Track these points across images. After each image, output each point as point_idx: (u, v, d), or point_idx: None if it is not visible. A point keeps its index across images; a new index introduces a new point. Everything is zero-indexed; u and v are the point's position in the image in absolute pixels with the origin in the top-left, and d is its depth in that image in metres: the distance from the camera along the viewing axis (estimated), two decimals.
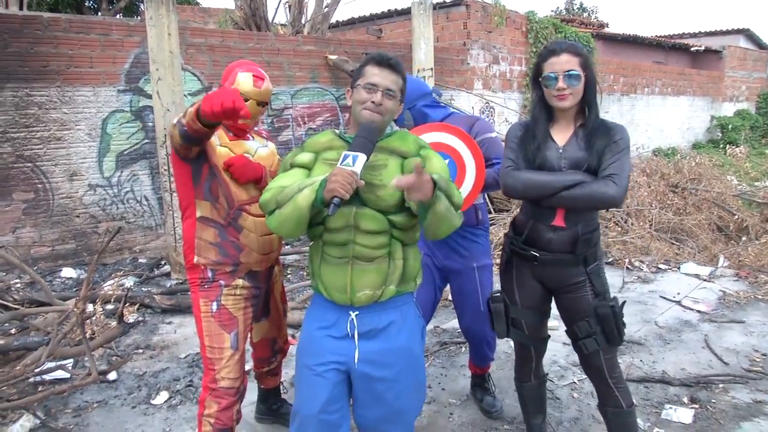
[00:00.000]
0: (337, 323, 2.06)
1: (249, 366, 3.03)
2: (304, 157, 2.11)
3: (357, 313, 2.04)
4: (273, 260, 2.62)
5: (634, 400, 3.37)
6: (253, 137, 2.59)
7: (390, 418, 2.10)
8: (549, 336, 2.74)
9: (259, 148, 2.56)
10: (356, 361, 2.04)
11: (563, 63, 2.30)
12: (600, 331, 2.42)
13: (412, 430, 2.21)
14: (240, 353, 2.47)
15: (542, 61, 2.37)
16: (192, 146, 2.28)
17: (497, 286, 2.78)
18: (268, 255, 2.53)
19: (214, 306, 2.45)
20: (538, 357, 2.73)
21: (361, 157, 1.88)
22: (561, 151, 2.39)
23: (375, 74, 2.04)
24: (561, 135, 2.42)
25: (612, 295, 2.50)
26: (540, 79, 2.37)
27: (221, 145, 2.43)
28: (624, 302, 2.53)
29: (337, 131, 2.16)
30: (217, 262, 2.45)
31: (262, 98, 2.47)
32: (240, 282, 2.48)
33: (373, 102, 2.01)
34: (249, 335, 2.78)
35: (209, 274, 2.46)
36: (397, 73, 2.07)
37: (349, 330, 2.04)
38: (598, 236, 2.48)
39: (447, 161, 2.76)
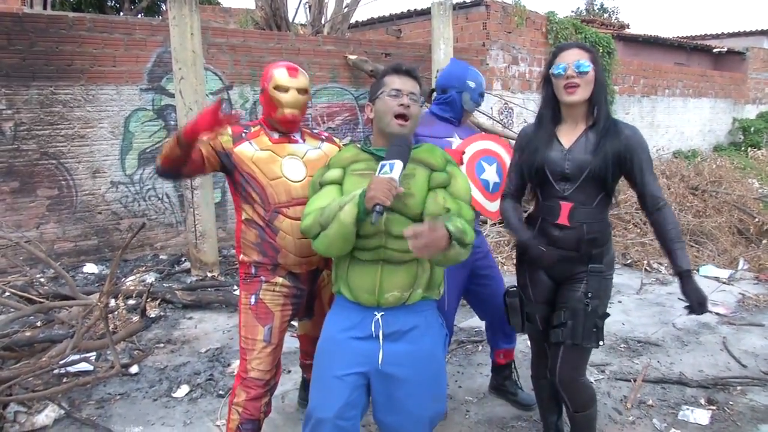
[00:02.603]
0: (362, 323, 2.07)
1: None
2: (333, 173, 2.13)
3: (382, 313, 2.06)
4: (316, 263, 2.62)
5: (651, 401, 3.39)
6: (304, 139, 2.60)
7: (408, 423, 2.10)
8: None
9: (309, 151, 2.56)
10: (380, 362, 2.04)
11: (573, 55, 2.34)
12: (570, 326, 2.41)
13: None
14: (273, 347, 2.51)
15: (553, 57, 2.40)
16: (174, 178, 2.49)
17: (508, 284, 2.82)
18: (308, 258, 2.54)
19: (253, 299, 2.52)
20: None
21: (398, 164, 1.91)
22: (566, 152, 2.41)
23: (396, 81, 2.11)
24: (568, 136, 2.44)
25: (606, 308, 2.49)
26: (550, 72, 2.39)
27: (262, 149, 2.48)
28: (607, 314, 2.49)
29: (358, 145, 2.20)
30: (258, 261, 2.52)
31: (301, 86, 2.48)
32: (280, 280, 2.53)
33: (402, 105, 2.06)
34: (291, 329, 2.83)
35: (252, 270, 2.54)
36: (415, 79, 2.15)
37: (373, 330, 2.06)
38: (607, 239, 2.49)
39: (495, 165, 2.93)
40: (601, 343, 2.44)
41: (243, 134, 2.51)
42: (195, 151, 2.37)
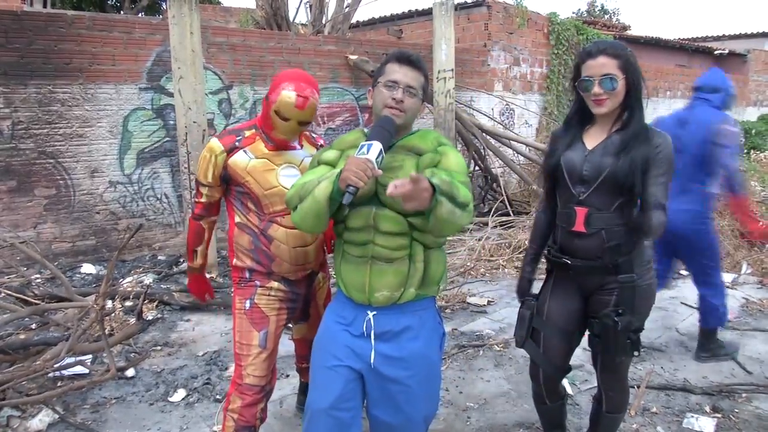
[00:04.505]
0: (355, 322, 2.05)
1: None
2: (330, 154, 2.10)
3: (374, 313, 2.02)
4: (311, 268, 2.58)
5: (655, 408, 3.34)
6: (302, 145, 2.52)
7: (400, 423, 2.06)
8: (569, 368, 2.59)
9: (305, 158, 2.47)
10: (372, 361, 2.01)
11: (599, 66, 2.20)
12: (602, 341, 2.33)
13: None
14: (268, 352, 2.46)
15: (580, 62, 2.27)
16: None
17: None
18: (303, 265, 2.50)
19: (248, 304, 2.46)
20: (546, 380, 2.59)
21: (376, 145, 1.83)
22: (587, 154, 2.31)
23: (396, 71, 2.02)
24: (593, 138, 2.34)
25: (645, 317, 2.38)
26: (576, 84, 2.29)
27: (258, 157, 2.38)
28: (641, 328, 2.35)
29: (365, 130, 2.13)
30: (251, 267, 2.46)
31: (304, 118, 2.33)
32: (275, 284, 2.48)
33: (393, 99, 1.99)
34: (289, 332, 2.84)
35: (247, 275, 2.48)
36: (418, 70, 2.05)
37: (365, 330, 2.02)
38: (633, 246, 2.29)
39: None
40: (636, 353, 2.32)
41: (236, 142, 2.40)
42: (215, 205, 2.56)
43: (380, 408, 2.06)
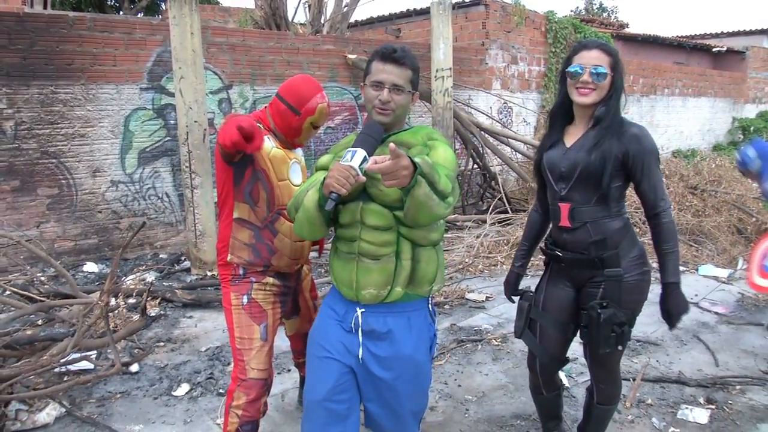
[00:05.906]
0: (346, 317, 2.08)
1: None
2: (325, 159, 2.15)
3: (363, 310, 2.04)
4: (302, 262, 2.66)
5: (650, 400, 3.39)
6: None
7: (389, 416, 2.10)
8: (566, 360, 2.65)
9: (301, 156, 2.66)
10: (360, 357, 2.04)
11: (593, 58, 2.27)
12: (587, 332, 2.40)
13: (416, 428, 2.19)
14: (269, 346, 2.51)
15: (573, 54, 2.34)
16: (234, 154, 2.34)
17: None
18: (298, 260, 2.58)
19: (245, 299, 2.49)
20: (543, 370, 2.65)
21: (360, 152, 1.84)
22: (565, 151, 2.38)
23: (380, 71, 2.01)
24: (572, 136, 2.41)
25: (633, 311, 2.42)
26: (566, 71, 2.34)
27: (277, 147, 2.45)
28: (628, 323, 2.39)
29: None
30: (249, 262, 2.49)
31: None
32: (270, 280, 2.52)
33: (379, 100, 1.99)
34: (283, 329, 2.87)
35: (240, 272, 2.51)
36: (402, 65, 2.01)
37: (353, 326, 2.06)
38: (618, 240, 2.37)
39: None
40: (620, 347, 2.37)
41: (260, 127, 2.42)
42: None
43: (370, 401, 2.10)
